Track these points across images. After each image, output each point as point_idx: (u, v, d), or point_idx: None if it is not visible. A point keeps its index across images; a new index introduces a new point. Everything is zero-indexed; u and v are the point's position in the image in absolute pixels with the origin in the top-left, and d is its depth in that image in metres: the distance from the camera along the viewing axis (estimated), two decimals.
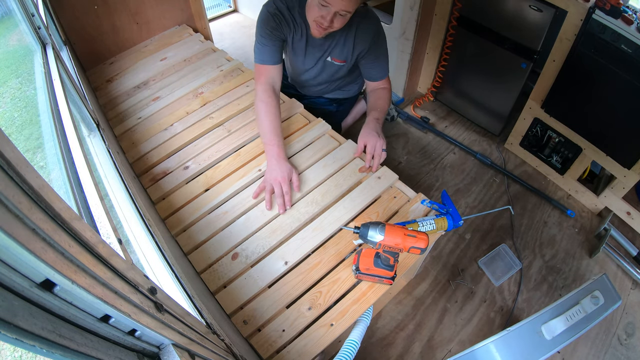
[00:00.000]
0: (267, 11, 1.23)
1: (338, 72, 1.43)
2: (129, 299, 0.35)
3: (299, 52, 1.37)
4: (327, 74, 1.45)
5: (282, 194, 1.12)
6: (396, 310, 1.47)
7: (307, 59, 1.39)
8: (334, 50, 1.33)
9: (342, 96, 1.67)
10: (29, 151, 1.03)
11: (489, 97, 2.03)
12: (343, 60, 1.35)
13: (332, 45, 1.32)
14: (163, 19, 1.89)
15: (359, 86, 1.69)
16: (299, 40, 1.32)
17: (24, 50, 1.19)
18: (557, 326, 1.04)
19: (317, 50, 1.35)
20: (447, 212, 1.05)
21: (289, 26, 1.26)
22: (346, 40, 1.29)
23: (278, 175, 1.13)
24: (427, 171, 1.96)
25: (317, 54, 1.36)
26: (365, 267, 0.95)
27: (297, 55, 1.39)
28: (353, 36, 1.28)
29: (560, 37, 1.53)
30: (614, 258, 1.61)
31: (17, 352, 0.98)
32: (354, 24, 1.25)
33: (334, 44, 1.31)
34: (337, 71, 1.42)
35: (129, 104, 1.53)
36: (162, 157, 1.31)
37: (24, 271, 0.25)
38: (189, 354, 0.44)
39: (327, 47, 1.33)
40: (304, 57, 1.38)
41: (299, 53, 1.37)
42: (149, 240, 0.80)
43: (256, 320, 0.94)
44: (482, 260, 1.60)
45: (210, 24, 2.28)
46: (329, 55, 1.35)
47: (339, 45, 1.31)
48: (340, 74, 1.44)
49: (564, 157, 1.80)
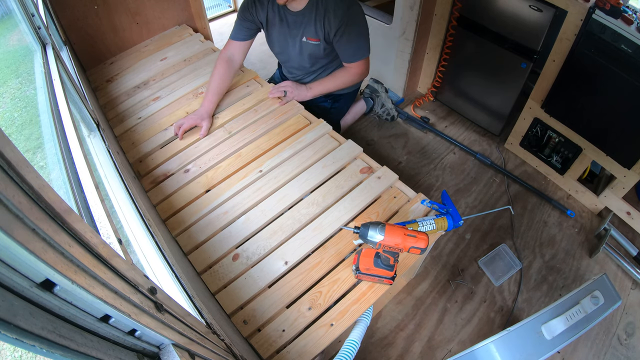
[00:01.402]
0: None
1: (316, 52, 1.43)
2: (129, 299, 0.35)
3: (275, 30, 1.42)
4: (307, 55, 1.46)
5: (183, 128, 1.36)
6: (396, 310, 1.47)
7: (284, 37, 1.43)
8: (307, 29, 1.36)
9: (336, 92, 1.67)
10: (29, 151, 1.03)
11: (489, 97, 2.03)
12: (317, 39, 1.37)
13: (305, 24, 1.34)
14: (163, 19, 1.89)
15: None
16: (274, 17, 1.38)
17: (24, 50, 1.19)
18: (557, 326, 1.04)
19: (292, 30, 1.39)
20: (447, 212, 1.05)
21: (263, 5, 1.36)
22: (317, 18, 1.32)
23: (190, 117, 1.39)
24: (427, 171, 1.96)
25: (292, 33, 1.39)
26: (365, 267, 0.95)
27: (274, 34, 1.44)
28: (323, 14, 1.30)
29: (560, 37, 1.53)
30: (614, 258, 1.61)
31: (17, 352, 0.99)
32: (324, 1, 1.28)
33: (307, 23, 1.34)
34: (315, 51, 1.43)
35: (129, 104, 1.53)
36: (163, 160, 1.31)
37: (24, 271, 0.25)
38: (189, 354, 0.44)
39: (301, 26, 1.36)
40: (280, 35, 1.43)
41: (276, 31, 1.43)
42: (149, 240, 0.80)
43: (256, 320, 0.93)
44: (482, 260, 1.60)
45: (210, 24, 2.28)
46: (304, 35, 1.38)
47: (311, 24, 1.33)
48: (318, 54, 1.44)
49: (564, 157, 1.80)
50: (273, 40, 1.49)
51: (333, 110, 1.71)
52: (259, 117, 1.43)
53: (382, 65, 2.25)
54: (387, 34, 2.06)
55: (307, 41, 1.39)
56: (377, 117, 2.17)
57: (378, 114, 2.13)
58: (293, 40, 1.42)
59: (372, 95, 2.09)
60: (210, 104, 1.41)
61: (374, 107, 2.11)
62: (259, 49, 2.70)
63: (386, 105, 2.10)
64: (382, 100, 2.09)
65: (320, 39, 1.37)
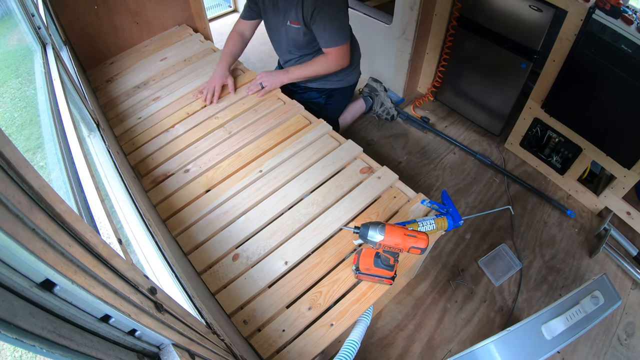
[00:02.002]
0: None
1: (297, 37, 1.46)
2: (129, 299, 0.35)
3: (269, 16, 1.49)
4: (292, 39, 1.49)
5: (213, 93, 1.47)
6: (396, 310, 1.47)
7: (274, 22, 1.49)
8: (290, 13, 1.39)
9: (328, 86, 1.68)
10: (29, 151, 1.03)
11: (489, 97, 2.03)
12: (298, 22, 1.40)
13: (289, 8, 1.38)
14: (163, 19, 1.89)
15: (346, 77, 1.68)
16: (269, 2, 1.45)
17: (24, 50, 1.19)
18: (557, 326, 1.04)
19: (280, 15, 1.44)
20: (447, 212, 1.05)
21: None
22: (298, 4, 1.35)
23: (216, 79, 1.50)
24: (427, 171, 1.96)
25: (279, 18, 1.45)
26: (365, 267, 0.95)
27: (268, 20, 1.50)
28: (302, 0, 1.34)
29: (560, 37, 1.53)
30: (614, 258, 1.61)
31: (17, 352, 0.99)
32: None
33: (290, 7, 1.38)
34: (297, 36, 1.46)
35: (129, 104, 1.53)
36: (163, 160, 1.31)
37: (24, 271, 0.25)
38: (189, 354, 0.44)
39: (285, 10, 1.41)
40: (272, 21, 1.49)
41: (270, 17, 1.49)
42: (149, 240, 0.80)
43: (256, 320, 0.93)
44: (482, 260, 1.60)
45: (210, 24, 2.28)
46: (288, 19, 1.42)
47: (293, 7, 1.37)
48: (299, 39, 1.47)
49: (564, 157, 1.80)
50: (268, 26, 1.55)
51: (328, 106, 1.71)
52: (259, 117, 1.43)
53: (382, 65, 2.25)
54: (387, 34, 2.06)
55: (290, 25, 1.43)
56: (376, 117, 2.17)
57: (377, 113, 2.13)
58: (280, 25, 1.47)
59: (371, 94, 2.09)
60: (226, 65, 1.53)
61: (373, 106, 2.11)
62: (258, 48, 2.70)
63: (385, 105, 2.10)
64: (381, 100, 2.09)
65: (300, 23, 1.40)
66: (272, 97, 1.51)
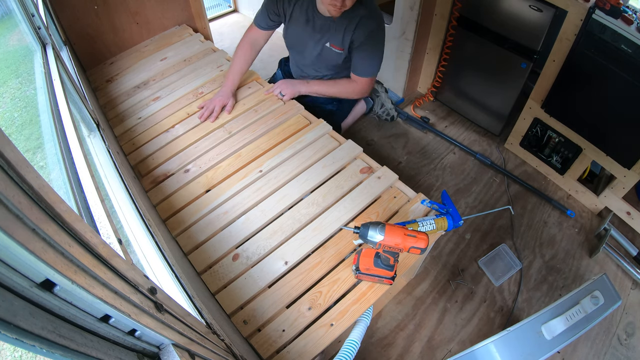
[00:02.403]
0: None
1: (336, 59, 1.44)
2: (129, 299, 0.35)
3: (298, 29, 1.42)
4: (325, 59, 1.47)
5: (212, 112, 1.41)
6: (396, 310, 1.47)
7: (305, 37, 1.42)
8: (334, 37, 1.36)
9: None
10: (29, 151, 1.03)
11: (489, 97, 2.03)
12: (341, 48, 1.38)
13: (332, 30, 1.35)
14: (163, 19, 1.89)
15: None
16: (300, 15, 1.38)
17: (24, 50, 1.19)
18: (557, 326, 1.04)
19: (316, 33, 1.38)
20: (447, 212, 1.05)
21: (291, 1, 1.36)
22: (346, 30, 1.32)
23: (217, 98, 1.44)
24: (427, 171, 1.96)
25: (316, 36, 1.39)
26: (365, 267, 0.95)
27: (296, 32, 1.44)
28: (353, 28, 1.31)
29: (560, 37, 1.53)
30: (614, 258, 1.61)
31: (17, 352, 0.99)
32: (358, 16, 1.29)
33: (335, 30, 1.34)
34: (335, 59, 1.44)
35: (129, 104, 1.53)
36: (163, 160, 1.31)
37: (24, 271, 0.25)
38: (189, 354, 0.44)
39: (328, 32, 1.36)
40: (302, 35, 1.42)
41: (299, 30, 1.42)
42: (149, 240, 0.80)
43: (256, 320, 0.93)
44: (482, 260, 1.60)
45: (210, 24, 2.28)
46: (328, 41, 1.38)
47: (339, 33, 1.34)
48: (337, 61, 1.45)
49: (564, 157, 1.80)
50: (292, 37, 1.49)
51: (337, 112, 1.71)
52: (259, 117, 1.43)
53: (382, 65, 2.25)
54: (387, 34, 2.05)
55: (330, 48, 1.40)
56: (376, 117, 2.17)
57: (378, 114, 2.13)
58: (315, 43, 1.42)
59: (371, 95, 2.09)
60: (233, 83, 1.47)
61: (374, 107, 2.11)
62: None
63: (386, 106, 2.10)
64: (381, 100, 2.09)
65: (344, 49, 1.38)
66: (273, 97, 1.51)
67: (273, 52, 2.58)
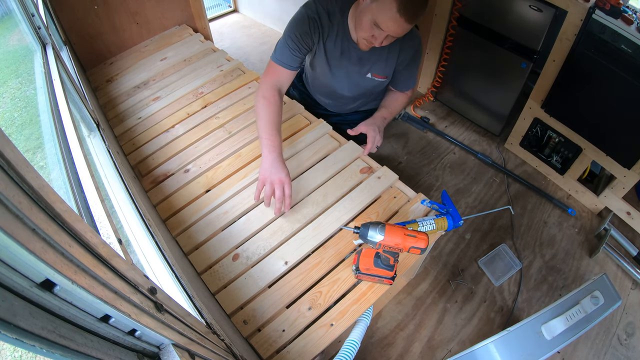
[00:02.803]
0: (306, 13, 1.14)
1: (378, 87, 1.34)
2: (129, 299, 0.35)
3: (333, 63, 1.25)
4: (365, 89, 1.34)
5: (282, 197, 1.07)
6: (396, 310, 1.47)
7: (340, 70, 1.27)
8: (376, 66, 1.24)
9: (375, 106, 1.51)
10: (29, 151, 1.03)
11: (489, 97, 2.03)
12: (384, 76, 1.28)
13: (373, 61, 1.23)
14: (163, 19, 1.89)
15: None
16: (334, 48, 1.20)
17: (24, 50, 1.19)
18: (557, 326, 1.04)
19: (355, 66, 1.24)
20: (447, 212, 1.05)
21: (323, 33, 1.17)
22: (389, 57, 1.22)
23: (278, 176, 1.07)
24: (427, 171, 1.96)
25: (354, 69, 1.25)
26: (365, 267, 0.95)
27: (326, 64, 1.27)
28: (397, 53, 1.20)
29: (560, 37, 1.53)
30: (614, 258, 1.61)
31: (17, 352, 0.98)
32: (399, 40, 1.14)
33: (376, 59, 1.22)
34: (377, 86, 1.33)
35: (129, 104, 1.53)
36: (163, 160, 1.31)
37: (24, 271, 0.25)
38: (189, 354, 0.44)
39: (368, 63, 1.24)
40: (338, 67, 1.27)
41: (333, 64, 1.26)
42: (149, 240, 0.80)
43: (256, 320, 0.93)
44: (482, 260, 1.60)
45: (210, 24, 2.28)
46: (370, 71, 1.26)
47: (381, 61, 1.23)
48: (379, 89, 1.36)
49: (564, 157, 1.80)
50: (323, 70, 1.30)
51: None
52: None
53: None
54: None
55: (373, 78, 1.28)
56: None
57: None
58: (353, 76, 1.28)
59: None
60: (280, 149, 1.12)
61: None
62: (259, 48, 2.70)
63: None
64: None
65: (387, 76, 1.28)
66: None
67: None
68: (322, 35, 1.17)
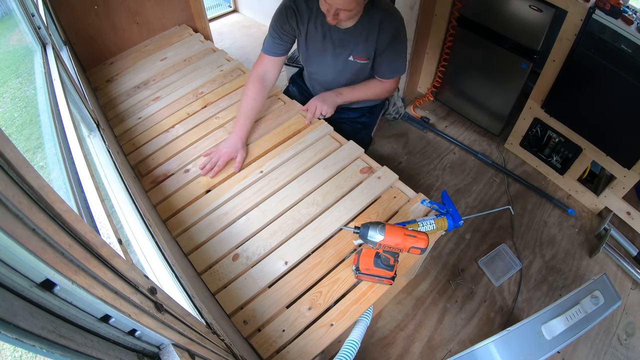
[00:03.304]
0: (284, 3, 1.23)
1: (362, 71, 1.36)
2: (129, 299, 0.35)
3: (316, 47, 1.31)
4: (349, 72, 1.36)
5: (215, 164, 1.23)
6: (396, 310, 1.47)
7: (325, 54, 1.32)
8: (357, 48, 1.27)
9: (371, 104, 1.57)
10: (29, 151, 1.03)
11: (489, 97, 2.03)
12: (366, 58, 1.30)
13: (354, 42, 1.26)
14: (163, 19, 1.89)
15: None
16: (315, 33, 1.27)
17: (24, 50, 1.19)
18: (557, 326, 1.04)
19: (337, 48, 1.29)
20: (447, 212, 1.05)
21: (302, 19, 1.25)
22: (369, 38, 1.24)
23: (224, 149, 1.25)
24: (427, 171, 1.96)
25: (336, 51, 1.30)
26: (365, 267, 0.95)
27: (313, 50, 1.33)
28: (376, 34, 1.23)
29: (560, 37, 1.53)
30: (614, 258, 1.61)
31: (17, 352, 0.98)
32: (377, 20, 1.21)
33: (356, 42, 1.26)
34: (361, 70, 1.35)
35: (129, 104, 1.53)
36: (163, 160, 1.31)
37: (24, 271, 0.25)
38: (189, 354, 0.44)
39: (349, 45, 1.27)
40: (321, 52, 1.32)
41: (317, 48, 1.31)
42: (149, 240, 0.80)
43: (256, 320, 0.93)
44: (482, 260, 1.60)
45: (210, 24, 2.28)
46: (352, 54, 1.29)
47: (361, 42, 1.26)
48: (365, 73, 1.37)
49: (564, 157, 1.80)
50: (311, 56, 1.37)
51: (369, 122, 1.60)
52: (259, 117, 1.43)
53: None
54: None
55: (355, 60, 1.30)
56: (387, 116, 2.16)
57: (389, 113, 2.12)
58: (336, 59, 1.32)
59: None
60: (244, 130, 1.28)
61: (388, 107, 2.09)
62: (259, 48, 2.69)
63: (397, 104, 2.08)
64: (394, 99, 2.08)
65: (369, 58, 1.30)
66: (273, 97, 1.51)
67: None
68: (300, 21, 1.26)
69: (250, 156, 1.30)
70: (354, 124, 1.54)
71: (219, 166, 1.23)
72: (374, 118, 1.61)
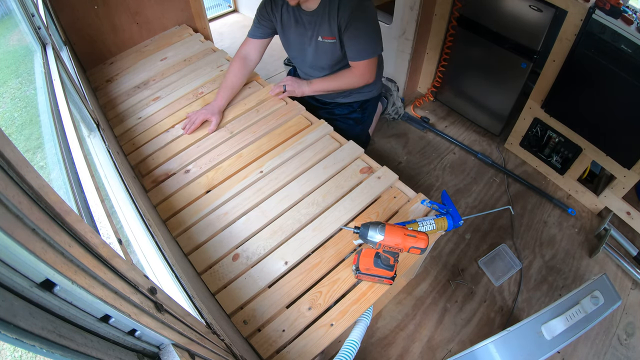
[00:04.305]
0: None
1: (332, 51, 1.36)
2: (129, 299, 0.35)
3: (292, 32, 1.39)
4: (323, 55, 1.38)
5: (193, 123, 1.38)
6: (396, 310, 1.47)
7: (299, 38, 1.39)
8: (322, 28, 1.31)
9: (361, 98, 1.57)
10: (29, 151, 1.03)
11: (489, 97, 2.03)
12: (332, 36, 1.32)
13: (318, 23, 1.30)
14: (163, 19, 1.89)
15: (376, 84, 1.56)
16: (288, 18, 1.36)
17: (24, 50, 1.19)
18: (557, 326, 1.04)
19: (307, 30, 1.34)
20: (447, 212, 1.05)
21: (277, 5, 1.35)
22: (330, 16, 1.26)
23: (202, 111, 1.40)
24: (427, 171, 1.96)
25: (307, 34, 1.35)
26: (365, 267, 0.95)
27: (290, 36, 1.41)
28: (336, 11, 1.24)
29: (560, 37, 1.53)
30: (614, 258, 1.61)
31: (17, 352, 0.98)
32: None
33: (321, 21, 1.29)
34: (332, 50, 1.35)
35: (129, 104, 1.53)
36: (163, 160, 1.31)
37: (24, 271, 0.25)
38: (189, 354, 0.44)
39: (316, 25, 1.31)
40: (296, 37, 1.39)
41: (292, 33, 1.39)
42: (149, 240, 0.80)
43: (256, 320, 0.93)
44: (482, 260, 1.60)
45: (210, 24, 2.28)
46: (319, 34, 1.33)
47: (325, 21, 1.29)
48: (335, 53, 1.37)
49: (564, 157, 1.80)
50: (289, 42, 1.45)
51: (365, 119, 1.62)
52: (260, 117, 1.43)
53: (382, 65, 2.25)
54: (387, 34, 2.07)
55: (323, 40, 1.33)
56: (387, 116, 2.16)
57: (388, 113, 2.12)
58: (309, 41, 1.37)
59: (385, 94, 2.07)
60: (222, 100, 1.43)
61: (387, 106, 2.10)
62: None
63: (396, 104, 2.09)
64: (393, 99, 2.08)
65: (335, 37, 1.31)
66: (274, 97, 1.51)
67: (273, 51, 2.59)
68: (275, 7, 1.36)
69: (250, 156, 1.31)
70: (345, 120, 1.57)
71: (195, 124, 1.38)
72: (367, 114, 1.61)
